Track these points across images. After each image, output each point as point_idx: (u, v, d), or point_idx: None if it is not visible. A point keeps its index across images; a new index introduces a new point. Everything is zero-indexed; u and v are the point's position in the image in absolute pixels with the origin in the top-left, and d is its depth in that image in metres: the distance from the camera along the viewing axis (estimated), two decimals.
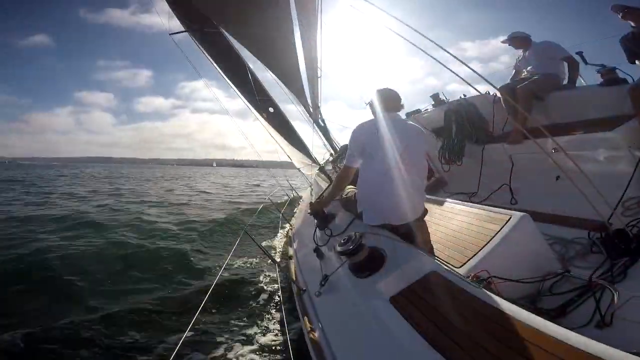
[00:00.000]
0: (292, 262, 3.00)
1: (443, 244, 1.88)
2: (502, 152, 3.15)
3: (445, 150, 3.58)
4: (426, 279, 1.20)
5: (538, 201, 2.52)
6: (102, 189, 16.60)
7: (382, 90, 1.88)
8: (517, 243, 1.58)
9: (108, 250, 5.39)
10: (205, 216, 8.72)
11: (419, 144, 1.81)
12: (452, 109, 3.47)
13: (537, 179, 2.82)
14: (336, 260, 1.90)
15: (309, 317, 1.67)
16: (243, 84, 6.36)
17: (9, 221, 7.03)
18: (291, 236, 4.02)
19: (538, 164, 2.78)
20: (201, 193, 16.86)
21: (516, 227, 1.60)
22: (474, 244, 1.66)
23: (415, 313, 1.05)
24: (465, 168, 3.50)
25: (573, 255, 1.80)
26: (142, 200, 11.90)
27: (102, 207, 9.71)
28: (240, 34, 4.55)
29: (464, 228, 1.89)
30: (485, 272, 1.43)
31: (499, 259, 1.52)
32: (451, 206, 2.24)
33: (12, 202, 10.17)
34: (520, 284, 1.48)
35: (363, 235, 1.39)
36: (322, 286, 1.72)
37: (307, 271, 2.43)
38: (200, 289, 3.69)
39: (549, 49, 3.30)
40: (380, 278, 1.27)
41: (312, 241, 2.33)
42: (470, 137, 3.43)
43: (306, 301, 1.87)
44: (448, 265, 1.35)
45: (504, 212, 1.74)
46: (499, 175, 3.13)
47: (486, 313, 0.97)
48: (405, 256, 1.36)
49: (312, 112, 5.96)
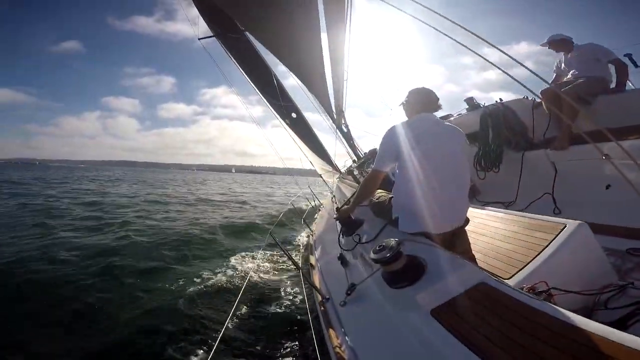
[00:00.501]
0: (314, 269, 2.88)
1: (485, 254, 1.73)
2: (544, 159, 2.94)
3: (481, 157, 3.36)
4: (475, 291, 1.07)
5: (585, 211, 2.30)
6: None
7: (417, 89, 1.77)
8: (574, 253, 1.45)
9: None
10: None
11: (459, 146, 1.66)
12: (489, 113, 3.26)
13: (583, 188, 2.61)
14: (364, 269, 1.76)
15: (333, 329, 1.56)
16: (267, 89, 6.41)
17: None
18: (312, 243, 3.91)
19: (585, 171, 2.58)
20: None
21: (573, 236, 1.47)
22: (522, 254, 1.52)
23: (464, 327, 0.93)
24: (500, 176, 3.29)
25: (632, 267, 1.66)
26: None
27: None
28: (266, 36, 4.55)
29: (508, 237, 1.74)
30: (543, 283, 1.29)
31: (553, 270, 1.40)
32: (492, 214, 2.07)
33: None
34: (574, 297, 1.33)
35: (402, 243, 1.24)
36: (348, 295, 1.61)
37: (330, 279, 2.32)
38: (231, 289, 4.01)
39: (594, 52, 3.11)
40: (420, 289, 1.15)
41: (336, 248, 2.21)
42: (508, 143, 3.21)
43: (330, 311, 1.75)
44: (495, 276, 1.21)
45: (557, 221, 1.60)
46: (539, 183, 2.92)
47: (554, 328, 0.84)
48: (449, 266, 1.21)
49: (335, 117, 5.87)
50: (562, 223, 1.55)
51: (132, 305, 3.57)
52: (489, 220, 2.02)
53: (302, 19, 4.15)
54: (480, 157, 3.37)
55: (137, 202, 13.20)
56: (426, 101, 1.71)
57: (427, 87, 1.77)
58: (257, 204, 15.62)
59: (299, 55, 4.70)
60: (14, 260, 4.74)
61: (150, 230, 7.46)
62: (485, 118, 3.27)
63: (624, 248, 1.77)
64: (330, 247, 2.92)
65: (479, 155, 3.39)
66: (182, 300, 3.64)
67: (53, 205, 10.63)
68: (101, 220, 8.49)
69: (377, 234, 1.84)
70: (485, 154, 3.31)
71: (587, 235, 1.49)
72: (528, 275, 1.40)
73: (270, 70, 6.62)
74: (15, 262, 4.69)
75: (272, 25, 4.29)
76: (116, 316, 3.30)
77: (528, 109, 3.41)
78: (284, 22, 4.18)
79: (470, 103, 3.79)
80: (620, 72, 3.03)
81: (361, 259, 1.84)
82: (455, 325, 0.95)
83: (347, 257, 2.06)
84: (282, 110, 6.47)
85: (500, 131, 3.17)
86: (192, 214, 10.72)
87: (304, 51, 4.48)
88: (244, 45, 6.29)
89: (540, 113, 3.36)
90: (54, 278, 4.21)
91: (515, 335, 0.85)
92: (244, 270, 4.86)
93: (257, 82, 6.43)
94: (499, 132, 3.19)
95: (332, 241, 2.89)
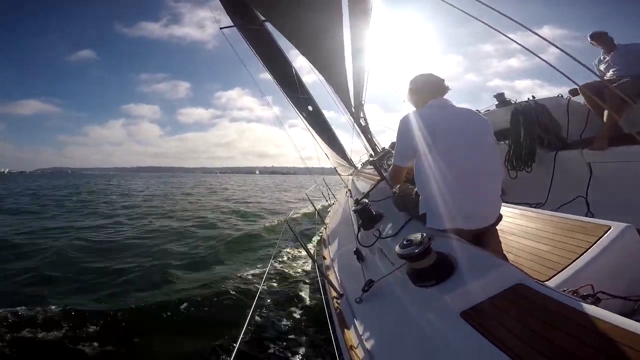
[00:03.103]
0: (328, 264, 2.80)
1: (516, 254, 1.60)
2: (579, 160, 2.75)
3: (512, 156, 3.18)
4: (511, 292, 0.98)
5: (620, 215, 2.13)
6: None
7: (419, 76, 1.65)
8: (619, 257, 1.34)
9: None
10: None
11: (485, 132, 1.51)
12: (521, 110, 3.07)
13: (621, 191, 2.43)
14: (383, 265, 1.67)
15: (348, 328, 1.48)
16: (285, 81, 6.35)
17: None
18: (325, 238, 3.84)
19: (624, 174, 2.42)
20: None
21: (619, 238, 1.36)
22: (560, 256, 1.42)
23: (499, 330, 0.85)
24: (531, 176, 3.11)
25: None
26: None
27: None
28: (287, 26, 4.47)
29: (542, 238, 1.62)
30: (589, 286, 1.17)
31: (596, 274, 1.29)
32: (524, 213, 1.92)
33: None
34: (614, 302, 1.20)
35: (432, 238, 1.13)
36: (365, 292, 1.53)
37: (345, 274, 2.23)
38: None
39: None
40: (449, 289, 1.05)
41: (351, 242, 2.12)
42: (541, 142, 3.02)
43: (344, 308, 1.67)
44: (533, 278, 1.11)
45: (600, 222, 1.49)
46: (572, 185, 2.75)
47: (607, 333, 0.76)
48: (482, 265, 1.11)
49: (353, 111, 5.74)
50: (605, 225, 1.45)
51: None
52: (521, 220, 1.88)
53: (325, 9, 4.05)
54: (511, 155, 3.19)
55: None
56: (433, 86, 1.58)
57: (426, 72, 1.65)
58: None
59: (320, 46, 4.60)
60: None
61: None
62: (517, 115, 3.08)
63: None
64: (346, 241, 2.83)
65: (510, 153, 3.21)
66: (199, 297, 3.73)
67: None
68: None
69: (399, 228, 1.73)
70: (516, 153, 3.12)
71: (634, 238, 1.38)
72: (569, 278, 1.30)
73: (289, 61, 6.54)
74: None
75: (295, 14, 4.20)
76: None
77: (563, 108, 3.22)
78: (307, 11, 4.09)
79: (501, 99, 3.59)
80: None
81: (380, 254, 1.75)
82: (490, 328, 0.86)
83: (364, 252, 1.97)
84: (300, 102, 6.41)
85: (533, 129, 2.98)
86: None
87: (326, 41, 4.37)
88: (264, 36, 6.24)
89: (576, 112, 3.16)
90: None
91: (560, 339, 0.77)
92: (263, 262, 4.99)
93: (275, 74, 6.37)
94: (531, 130, 3.00)
95: (347, 235, 2.80)
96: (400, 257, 1.16)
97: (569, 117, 3.17)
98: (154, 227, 8.38)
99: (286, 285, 4.11)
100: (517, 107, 3.15)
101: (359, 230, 2.15)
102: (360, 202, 2.19)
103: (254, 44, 6.15)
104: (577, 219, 1.61)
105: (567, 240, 1.49)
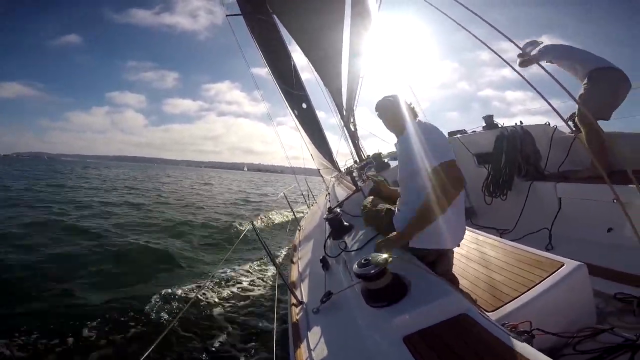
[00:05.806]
0: (294, 268, 2.75)
1: (473, 282, 1.65)
2: (551, 193, 2.81)
3: (490, 183, 3.20)
4: (454, 321, 1.01)
5: (578, 250, 2.20)
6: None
7: (390, 97, 1.59)
8: (566, 294, 1.40)
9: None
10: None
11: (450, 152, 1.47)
12: (506, 136, 3.09)
13: (583, 228, 2.52)
14: (344, 278, 1.66)
15: (300, 337, 1.50)
16: (282, 74, 6.24)
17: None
18: (297, 241, 3.80)
19: (589, 212, 2.50)
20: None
21: (570, 276, 1.43)
22: (512, 288, 1.48)
23: (433, 359, 0.89)
24: (504, 202, 3.15)
25: (613, 311, 1.63)
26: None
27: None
28: (292, 21, 4.42)
29: (500, 268, 1.67)
30: (528, 323, 1.23)
31: (540, 308, 1.35)
32: (488, 241, 1.97)
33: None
34: (550, 336, 1.27)
35: (389, 261, 1.11)
36: (323, 303, 1.55)
37: (308, 282, 2.20)
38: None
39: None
40: (398, 312, 1.07)
41: (320, 250, 2.10)
42: (519, 170, 3.05)
43: (301, 317, 1.68)
44: (479, 308, 1.17)
45: (555, 258, 1.55)
46: (539, 216, 2.81)
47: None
48: (433, 291, 1.12)
49: (344, 114, 5.70)
50: (559, 261, 1.51)
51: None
52: (483, 247, 1.94)
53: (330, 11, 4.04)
54: (489, 182, 3.22)
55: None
56: (409, 107, 1.54)
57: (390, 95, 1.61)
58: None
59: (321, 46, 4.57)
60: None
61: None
62: (502, 140, 3.11)
63: (612, 292, 1.73)
64: (315, 248, 2.80)
65: (488, 180, 3.23)
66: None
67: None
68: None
69: (365, 243, 1.71)
70: (495, 179, 3.15)
71: (583, 277, 1.45)
72: (514, 310, 1.36)
73: (289, 55, 6.43)
74: None
75: (302, 11, 4.19)
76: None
77: (547, 137, 3.26)
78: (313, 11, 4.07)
79: (489, 121, 3.62)
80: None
81: (344, 266, 1.73)
82: (426, 355, 0.90)
83: (330, 261, 1.95)
84: (294, 99, 6.32)
85: (515, 157, 3.01)
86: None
87: (327, 41, 4.34)
88: (269, 27, 6.12)
89: (559, 142, 3.20)
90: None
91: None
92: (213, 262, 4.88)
93: (274, 66, 6.26)
94: (512, 158, 3.03)
95: (318, 242, 2.77)
96: (357, 276, 1.14)
97: (550, 147, 3.22)
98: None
99: (239, 291, 4.07)
100: (503, 131, 3.17)
101: (327, 238, 2.11)
102: (332, 210, 2.16)
103: (256, 33, 6.04)
104: (535, 253, 1.66)
105: (521, 273, 1.55)
